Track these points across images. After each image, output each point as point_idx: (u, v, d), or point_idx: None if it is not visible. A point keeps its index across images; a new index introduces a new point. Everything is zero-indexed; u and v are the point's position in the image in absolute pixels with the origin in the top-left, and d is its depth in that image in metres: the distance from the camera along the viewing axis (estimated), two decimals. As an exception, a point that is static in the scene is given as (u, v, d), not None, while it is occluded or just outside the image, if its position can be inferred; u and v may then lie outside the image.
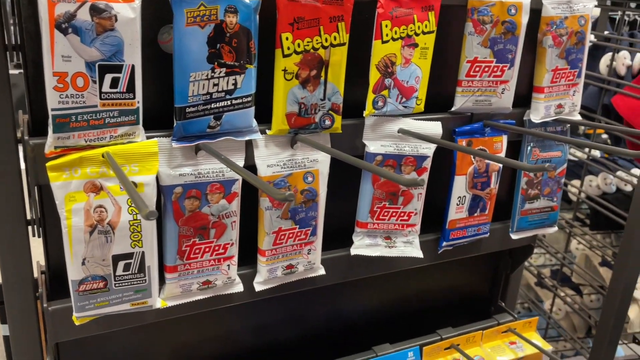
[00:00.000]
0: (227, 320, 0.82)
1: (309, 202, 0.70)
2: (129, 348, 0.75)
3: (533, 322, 1.02)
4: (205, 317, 0.80)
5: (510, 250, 1.02)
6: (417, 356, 0.91)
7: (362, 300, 0.94)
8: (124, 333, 0.74)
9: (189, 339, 0.80)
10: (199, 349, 0.82)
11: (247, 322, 0.84)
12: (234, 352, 0.85)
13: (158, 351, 0.78)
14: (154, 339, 0.77)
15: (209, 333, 0.81)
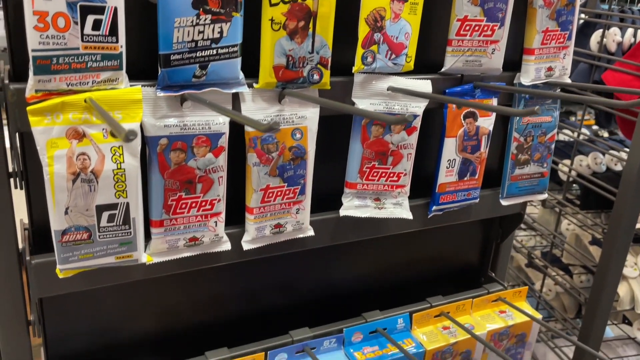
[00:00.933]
0: (214, 283, 0.81)
1: (297, 159, 0.69)
2: (114, 308, 0.74)
3: (523, 291, 1.02)
4: (192, 279, 0.79)
5: (501, 219, 1.02)
6: (406, 323, 0.91)
7: (352, 268, 0.93)
8: (109, 291, 0.73)
9: (175, 301, 0.79)
10: (185, 312, 0.81)
11: (234, 286, 0.83)
12: (221, 317, 0.84)
13: (143, 312, 0.77)
14: (139, 299, 0.76)
15: (196, 296, 0.81)
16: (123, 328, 0.76)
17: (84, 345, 0.74)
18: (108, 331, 0.75)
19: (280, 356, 0.81)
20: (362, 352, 0.86)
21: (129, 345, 0.78)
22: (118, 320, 0.76)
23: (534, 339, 1.02)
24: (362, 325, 0.87)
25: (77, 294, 0.70)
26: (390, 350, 0.87)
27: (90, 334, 0.74)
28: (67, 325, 0.72)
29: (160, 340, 0.80)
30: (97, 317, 0.74)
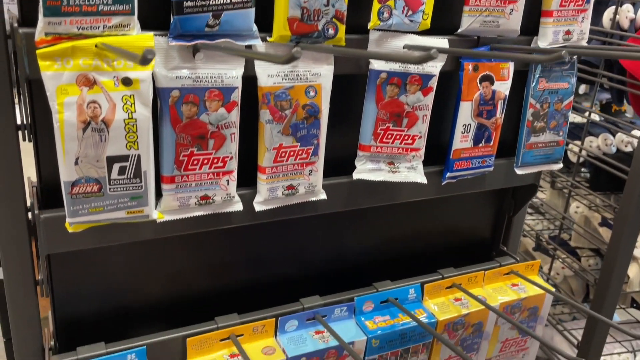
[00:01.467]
0: (225, 249, 0.80)
1: (310, 118, 0.68)
2: (123, 270, 0.73)
3: (535, 264, 1.00)
4: (202, 244, 0.78)
5: (514, 191, 1.00)
6: (418, 293, 0.90)
7: (363, 238, 0.92)
8: (119, 253, 0.71)
9: (185, 266, 0.78)
10: (195, 278, 0.80)
11: (244, 253, 0.82)
12: (231, 284, 0.83)
13: (153, 276, 0.76)
14: (149, 263, 0.75)
15: (206, 262, 0.79)
16: (132, 292, 0.75)
17: (92, 308, 0.73)
18: (117, 294, 0.74)
19: (291, 323, 0.79)
20: (373, 321, 0.85)
21: (137, 309, 0.76)
22: (127, 283, 0.74)
23: (546, 313, 1.01)
24: (373, 294, 0.86)
25: (85, 254, 0.69)
26: (401, 319, 0.86)
27: (99, 296, 0.73)
28: (75, 287, 0.70)
29: (169, 305, 0.79)
30: (106, 280, 0.72)
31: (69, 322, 0.71)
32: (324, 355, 0.78)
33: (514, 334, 0.99)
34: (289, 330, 0.80)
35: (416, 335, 0.86)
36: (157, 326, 0.74)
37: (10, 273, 0.63)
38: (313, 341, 0.79)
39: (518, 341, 1.01)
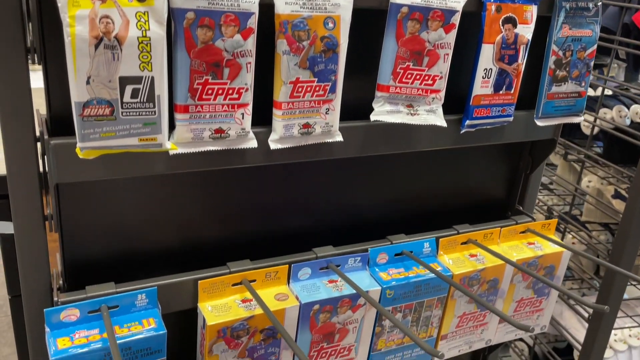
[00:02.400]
0: (238, 196, 0.78)
1: (328, 51, 0.65)
2: (134, 209, 0.71)
3: (552, 223, 0.98)
4: (215, 189, 0.76)
5: (532, 147, 0.98)
6: (432, 247, 0.88)
7: (378, 192, 0.89)
8: (130, 190, 0.69)
9: (197, 211, 0.76)
10: (207, 225, 0.78)
11: (258, 201, 0.80)
12: (243, 232, 0.81)
13: (164, 221, 0.74)
14: (160, 206, 0.73)
15: (218, 208, 0.77)
16: (142, 234, 0.73)
17: (102, 249, 0.71)
18: (127, 236, 0.72)
19: (304, 271, 0.78)
20: (387, 273, 0.83)
21: (148, 253, 0.75)
22: (137, 225, 0.72)
23: (563, 273, 0.99)
24: (387, 246, 0.84)
25: (95, 190, 0.67)
26: (416, 272, 0.84)
27: (109, 237, 0.71)
28: (84, 225, 0.68)
29: (181, 251, 0.77)
30: (116, 220, 0.70)
31: (77, 262, 0.70)
32: (338, 303, 0.77)
33: (529, 294, 0.97)
34: (302, 279, 0.78)
35: (431, 289, 0.84)
36: (167, 272, 0.72)
37: (18, 207, 0.61)
38: (326, 289, 0.77)
39: (533, 301, 0.99)
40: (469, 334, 0.94)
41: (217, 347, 0.70)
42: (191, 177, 0.73)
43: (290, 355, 0.77)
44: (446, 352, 0.93)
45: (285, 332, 0.62)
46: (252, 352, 0.73)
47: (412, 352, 0.89)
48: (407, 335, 0.62)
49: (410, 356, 0.89)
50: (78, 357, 0.61)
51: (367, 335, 0.82)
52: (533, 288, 0.97)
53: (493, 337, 0.98)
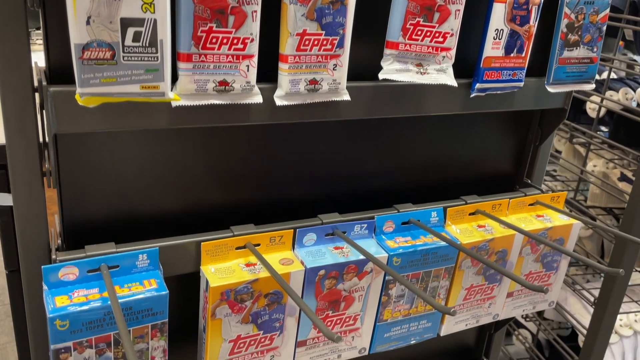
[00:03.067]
0: (242, 160, 0.76)
1: (336, 3, 0.63)
2: (135, 169, 0.69)
3: (562, 196, 0.96)
4: (219, 151, 0.74)
5: (541, 117, 0.96)
6: (440, 217, 0.86)
7: (385, 159, 0.87)
8: (132, 146, 0.67)
9: (199, 175, 0.74)
10: (209, 189, 0.76)
11: (262, 166, 0.78)
12: (246, 199, 0.79)
13: (166, 180, 0.72)
14: (162, 165, 0.70)
15: (221, 172, 0.75)
16: (143, 196, 0.71)
17: (102, 209, 0.69)
18: (127, 197, 0.70)
19: (309, 236, 0.76)
20: (394, 241, 0.81)
21: (149, 216, 0.73)
22: (139, 186, 0.70)
23: (572, 247, 0.97)
24: (394, 214, 0.82)
25: (95, 146, 0.65)
26: (423, 241, 0.82)
27: (109, 197, 0.69)
28: (83, 183, 0.66)
29: (183, 216, 0.75)
30: (116, 180, 0.68)
31: (77, 222, 0.68)
32: (344, 269, 0.75)
33: (538, 267, 0.95)
34: (307, 245, 0.76)
35: (439, 258, 0.82)
36: (169, 236, 0.70)
37: (16, 161, 0.59)
38: (332, 255, 0.75)
39: (542, 275, 0.97)
40: (477, 307, 0.92)
41: (220, 310, 0.68)
42: (194, 137, 0.71)
43: (295, 322, 0.75)
44: (453, 326, 0.91)
45: (292, 290, 0.60)
46: (255, 317, 0.71)
47: (418, 324, 0.87)
48: (415, 292, 0.60)
49: (416, 328, 0.87)
50: (77, 314, 0.59)
51: (373, 304, 0.80)
52: (542, 262, 0.95)
53: (501, 311, 0.96)
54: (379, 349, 0.85)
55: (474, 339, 1.15)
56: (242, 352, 0.73)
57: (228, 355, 0.72)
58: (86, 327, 0.60)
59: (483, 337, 1.14)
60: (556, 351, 1.89)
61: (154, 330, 0.65)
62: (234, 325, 0.70)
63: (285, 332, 0.75)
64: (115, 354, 0.63)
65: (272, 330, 0.74)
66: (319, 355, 0.80)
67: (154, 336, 0.65)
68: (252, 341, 0.73)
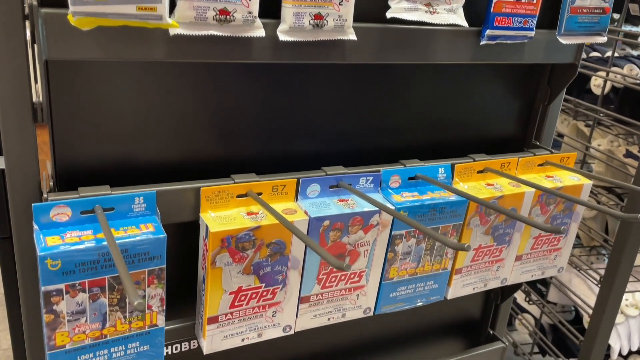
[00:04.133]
0: (243, 108, 0.73)
1: None
2: (131, 107, 0.66)
3: (572, 157, 0.93)
4: (219, 95, 0.71)
5: (550, 76, 0.93)
6: (447, 173, 0.83)
7: (391, 114, 0.84)
8: (127, 83, 0.64)
9: (196, 119, 0.71)
10: (208, 138, 0.72)
11: (264, 116, 0.75)
12: (247, 151, 0.76)
13: (163, 123, 0.69)
14: (160, 105, 0.67)
15: (221, 120, 0.72)
16: (140, 139, 0.68)
17: (96, 151, 0.66)
18: (123, 140, 0.67)
19: (313, 187, 0.73)
20: (400, 195, 0.78)
21: (146, 161, 0.69)
22: (134, 129, 0.67)
23: (582, 210, 0.94)
24: (401, 169, 0.79)
25: (89, 81, 0.62)
26: (430, 196, 0.79)
27: (103, 138, 0.66)
28: (76, 121, 0.63)
29: (181, 163, 0.72)
30: (111, 120, 0.65)
31: (69, 164, 0.65)
32: (349, 221, 0.72)
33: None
34: (310, 196, 0.73)
35: (446, 214, 0.79)
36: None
37: (4, 92, 0.55)
38: (337, 206, 0.72)
39: (551, 239, 0.94)
40: (484, 270, 0.89)
41: (221, 258, 0.65)
42: (194, 79, 0.68)
43: (298, 276, 0.72)
44: (460, 289, 0.88)
45: (296, 229, 0.57)
46: (257, 268, 0.68)
47: (425, 284, 0.84)
48: (425, 232, 0.57)
49: (423, 289, 0.84)
50: (69, 254, 0.55)
51: (379, 260, 0.77)
52: (552, 224, 0.92)
53: (509, 275, 0.93)
54: (384, 310, 0.82)
55: (479, 311, 1.12)
56: (243, 306, 0.70)
57: (228, 308, 0.69)
58: (79, 268, 0.57)
59: (489, 308, 1.11)
60: (560, 336, 1.86)
61: (151, 276, 0.61)
62: (234, 275, 0.67)
63: (288, 286, 0.72)
64: (110, 300, 0.60)
65: (275, 284, 0.70)
66: (323, 313, 0.77)
67: (151, 283, 0.62)
68: (254, 294, 0.70)
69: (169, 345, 0.73)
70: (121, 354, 0.63)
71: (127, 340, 0.63)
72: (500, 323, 1.12)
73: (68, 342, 0.59)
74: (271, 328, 0.74)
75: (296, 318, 0.75)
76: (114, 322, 0.61)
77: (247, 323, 0.71)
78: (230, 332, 0.70)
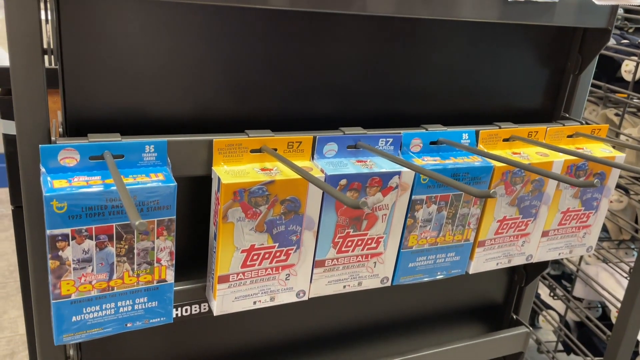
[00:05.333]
0: (257, 64, 0.71)
1: None
2: (143, 49, 0.64)
3: (603, 129, 0.89)
4: (232, 44, 0.68)
5: (581, 43, 0.89)
6: (472, 140, 0.79)
7: (414, 77, 0.81)
8: (139, 24, 0.62)
9: (209, 71, 0.69)
10: (223, 96, 0.70)
11: (279, 74, 0.72)
12: (263, 110, 0.74)
13: (172, 65, 0.67)
14: (171, 47, 0.65)
15: (236, 77, 0.70)
16: (152, 92, 0.66)
17: (107, 103, 0.64)
18: (135, 90, 0.65)
19: (331, 146, 0.70)
20: (422, 159, 0.75)
21: (157, 115, 0.67)
22: (147, 78, 0.65)
23: (613, 185, 0.90)
24: (423, 132, 0.76)
25: (101, 25, 0.60)
26: (453, 161, 0.75)
27: (115, 89, 0.64)
28: (88, 68, 0.62)
29: (194, 119, 0.70)
30: (123, 69, 0.63)
31: (80, 112, 0.63)
32: (367, 181, 0.69)
33: (577, 205, 0.88)
34: (327, 156, 0.70)
35: (470, 180, 0.76)
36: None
37: (15, 37, 0.54)
38: (355, 166, 0.69)
39: (580, 215, 0.89)
40: (509, 244, 0.85)
41: (233, 213, 0.63)
42: (208, 28, 0.66)
43: (313, 238, 0.69)
44: (483, 264, 0.84)
45: (311, 176, 0.54)
46: (271, 226, 0.66)
47: (446, 256, 0.80)
48: (447, 183, 0.53)
49: (444, 261, 0.81)
50: (76, 196, 0.54)
51: (398, 227, 0.74)
52: (581, 198, 0.88)
53: (535, 252, 0.89)
54: (403, 281, 0.79)
55: (502, 294, 1.07)
56: (255, 266, 0.67)
57: (240, 267, 0.66)
58: (86, 213, 0.55)
59: (513, 291, 1.07)
60: (586, 333, 1.80)
61: (161, 227, 0.59)
62: (247, 232, 0.64)
63: (302, 249, 0.69)
64: (117, 250, 0.58)
65: (289, 244, 0.68)
66: (338, 279, 0.74)
67: (160, 234, 0.60)
68: (267, 254, 0.67)
69: (178, 306, 0.70)
70: (128, 309, 0.61)
71: (134, 295, 0.61)
72: (524, 308, 1.07)
73: (74, 292, 0.58)
74: (284, 292, 0.71)
75: (310, 283, 0.72)
76: (122, 273, 0.59)
77: (259, 285, 0.69)
78: (241, 294, 0.68)
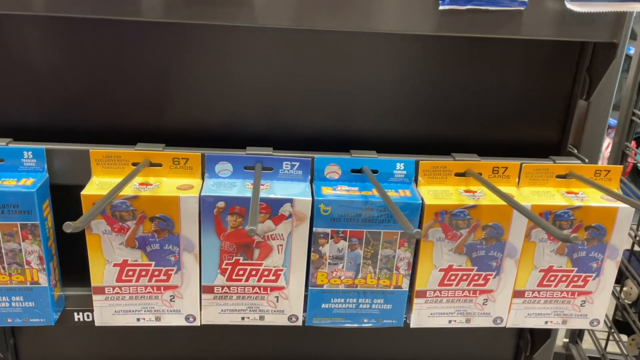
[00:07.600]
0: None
1: None
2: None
3: (614, 170, 0.69)
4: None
5: (591, 60, 0.70)
6: (409, 172, 0.68)
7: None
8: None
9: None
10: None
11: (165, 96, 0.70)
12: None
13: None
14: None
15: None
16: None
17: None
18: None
19: (223, 165, 0.66)
20: (333, 188, 0.66)
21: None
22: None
23: (621, 244, 0.68)
24: (340, 158, 0.67)
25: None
26: (374, 193, 0.65)
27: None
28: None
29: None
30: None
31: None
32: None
33: (563, 263, 0.69)
34: (221, 175, 0.66)
35: (391, 218, 0.65)
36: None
37: None
38: (244, 189, 0.64)
39: (572, 277, 0.70)
40: (464, 300, 0.71)
41: (97, 225, 0.62)
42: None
43: (195, 261, 0.65)
44: (427, 318, 0.71)
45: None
46: (143, 243, 0.64)
47: (371, 302, 0.70)
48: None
49: (369, 307, 0.70)
50: None
51: (300, 261, 0.66)
52: (569, 256, 0.69)
53: (505, 315, 0.72)
54: (317, 322, 0.70)
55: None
56: (132, 282, 0.66)
57: (115, 281, 0.65)
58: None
59: (518, 356, 0.88)
60: None
61: (24, 231, 0.62)
62: (117, 247, 0.64)
63: (184, 270, 0.66)
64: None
65: (167, 264, 0.65)
66: (234, 309, 0.69)
67: (26, 238, 0.62)
68: (144, 271, 0.65)
69: (74, 312, 0.72)
70: (6, 305, 0.65)
71: (10, 292, 0.65)
72: (534, 381, 0.88)
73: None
74: (171, 314, 0.68)
75: (200, 309, 0.68)
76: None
77: (140, 302, 0.67)
78: (121, 308, 0.67)
